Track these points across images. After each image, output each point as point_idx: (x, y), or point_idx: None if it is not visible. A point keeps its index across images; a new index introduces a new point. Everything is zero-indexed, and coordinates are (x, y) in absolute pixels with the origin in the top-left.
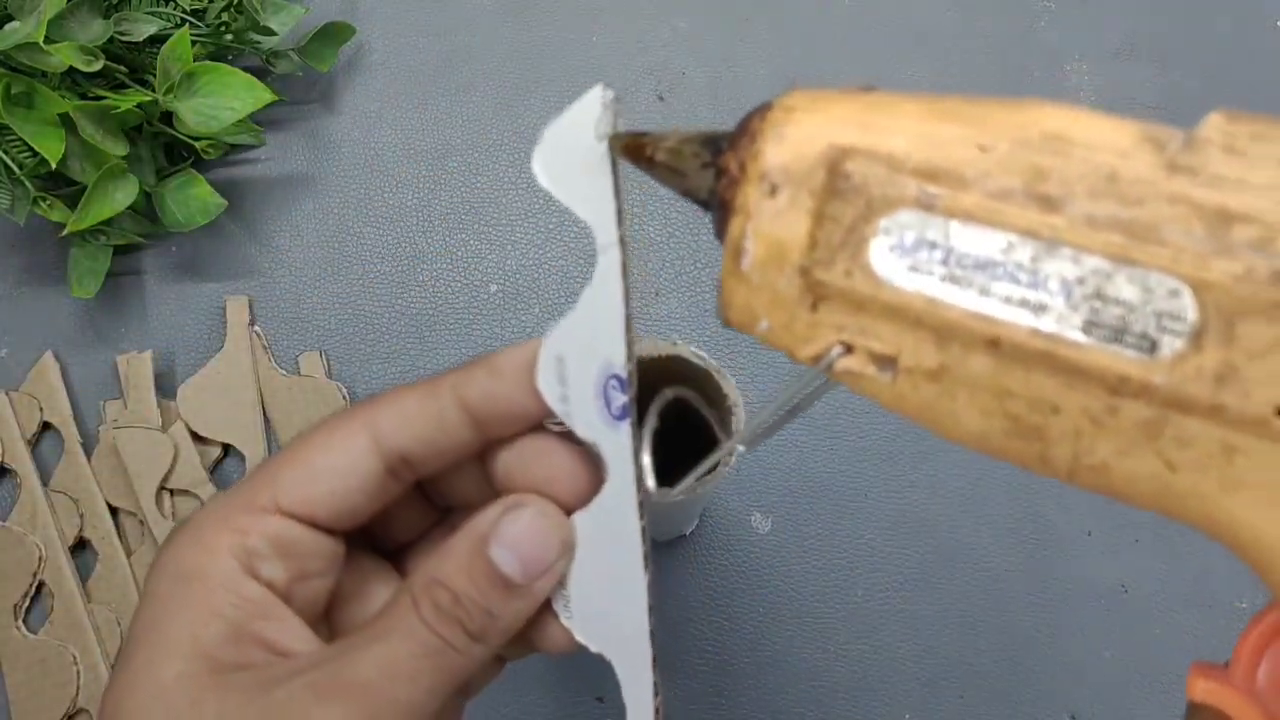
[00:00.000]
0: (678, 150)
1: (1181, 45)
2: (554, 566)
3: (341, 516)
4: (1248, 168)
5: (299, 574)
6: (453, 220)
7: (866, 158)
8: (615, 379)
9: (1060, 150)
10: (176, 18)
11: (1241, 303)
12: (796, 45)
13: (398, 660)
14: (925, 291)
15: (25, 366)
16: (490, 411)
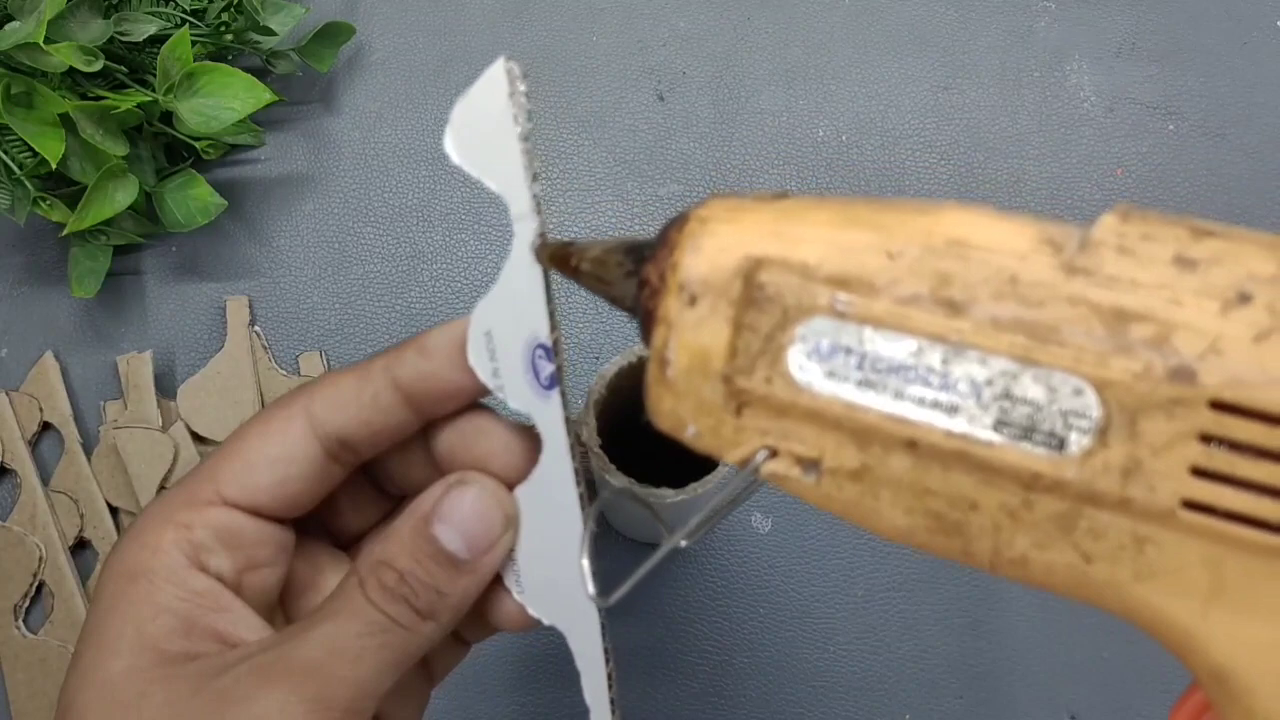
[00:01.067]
0: (602, 260)
1: (1181, 45)
2: (499, 542)
3: (285, 504)
4: (1139, 267)
5: (247, 564)
6: (453, 220)
7: (780, 267)
8: (542, 348)
9: (963, 255)
10: (176, 18)
11: (1141, 399)
12: (796, 45)
13: (344, 639)
14: (843, 396)
15: (25, 366)
16: (424, 391)
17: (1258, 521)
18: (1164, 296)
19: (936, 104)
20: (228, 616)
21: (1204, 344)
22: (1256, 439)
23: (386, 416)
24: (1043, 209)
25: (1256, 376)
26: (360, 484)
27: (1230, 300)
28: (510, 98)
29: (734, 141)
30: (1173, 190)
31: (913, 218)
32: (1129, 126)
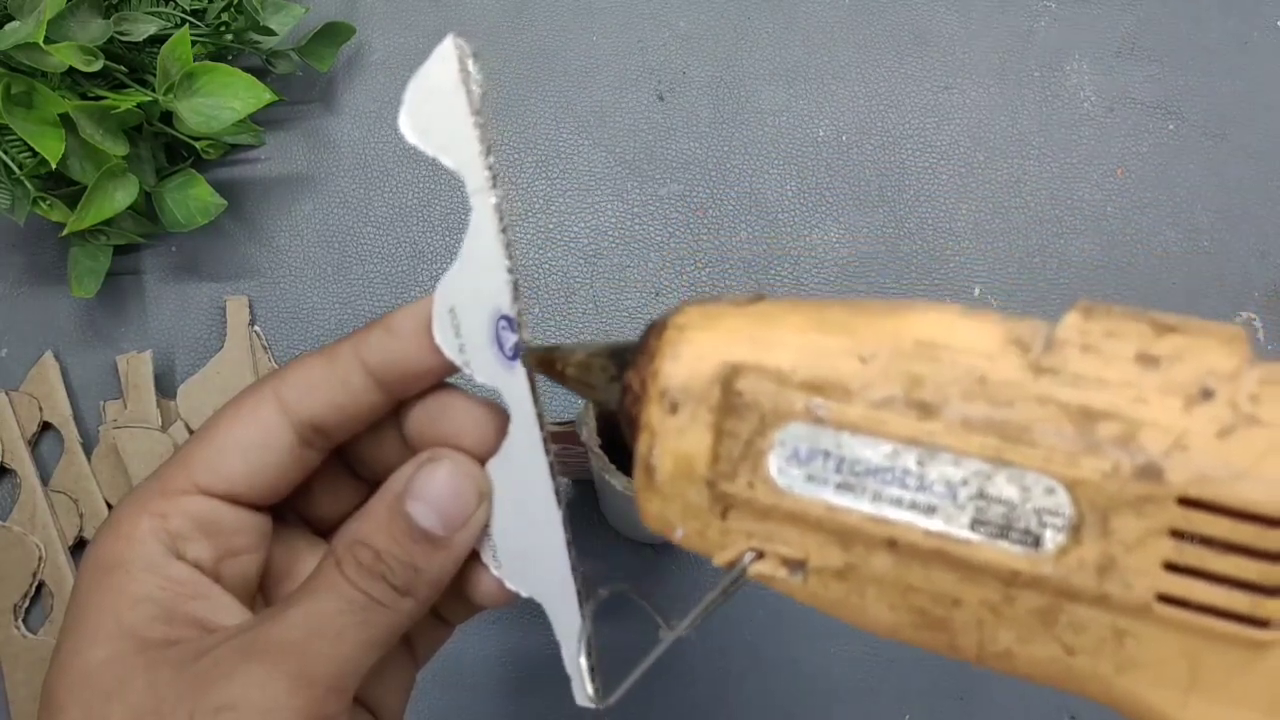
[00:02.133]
0: (586, 365)
1: (1181, 45)
2: (473, 517)
3: (261, 490)
4: (1104, 365)
5: (225, 551)
6: (453, 220)
7: (757, 374)
8: (505, 320)
9: (933, 356)
10: (176, 18)
11: (1112, 498)
12: (797, 45)
13: (322, 617)
14: (823, 498)
15: (25, 366)
16: (392, 371)
17: (1231, 614)
18: (1129, 394)
19: (936, 104)
20: (207, 603)
21: (1169, 441)
22: (1224, 534)
23: (356, 399)
24: (1043, 209)
25: (1221, 472)
26: (336, 470)
27: (1193, 397)
28: (461, 75)
29: (734, 141)
30: (1173, 190)
31: (883, 320)
32: (1129, 126)
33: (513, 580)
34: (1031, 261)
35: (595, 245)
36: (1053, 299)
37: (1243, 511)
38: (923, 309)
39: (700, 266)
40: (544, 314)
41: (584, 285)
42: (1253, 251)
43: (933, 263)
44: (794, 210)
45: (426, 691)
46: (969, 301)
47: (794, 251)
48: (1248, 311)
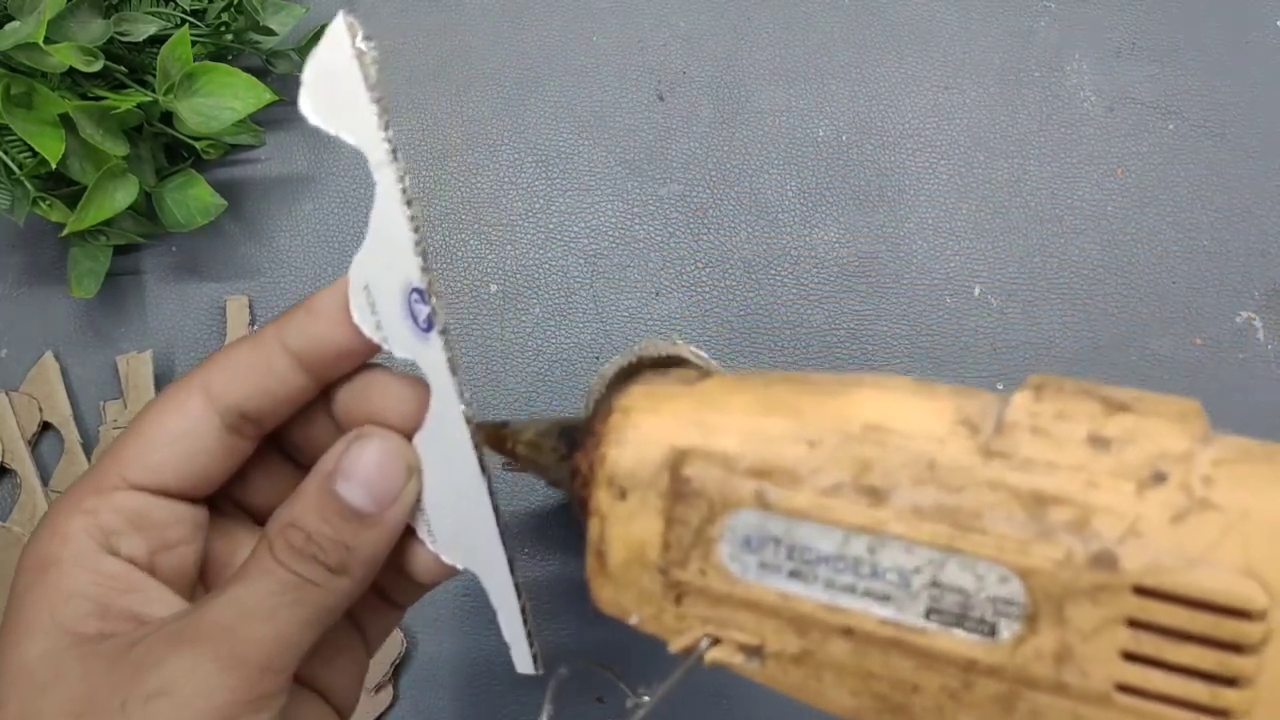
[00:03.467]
0: (536, 444)
1: (1181, 45)
2: (403, 492)
3: (191, 481)
4: (1055, 449)
5: (159, 545)
6: (453, 220)
7: (704, 460)
8: (416, 292)
9: (881, 440)
10: (176, 18)
11: (1066, 587)
12: (797, 45)
13: (254, 599)
14: (776, 586)
15: (25, 366)
16: (315, 353)
17: (1191, 705)
18: (1081, 479)
19: (936, 104)
20: (142, 596)
21: (1123, 526)
22: (1181, 623)
23: (282, 383)
24: (1043, 209)
25: (1176, 560)
26: (273, 458)
27: (1145, 480)
28: (355, 52)
29: (734, 141)
30: (1173, 190)
31: (830, 400)
32: (1129, 126)
33: (448, 553)
34: (1031, 261)
35: (595, 245)
36: (1053, 299)
37: (1199, 601)
38: (871, 387)
39: (700, 266)
40: (544, 313)
41: (584, 285)
42: (1253, 251)
43: (933, 263)
44: (794, 210)
45: (426, 692)
46: (967, 301)
47: (794, 251)
48: (1248, 311)
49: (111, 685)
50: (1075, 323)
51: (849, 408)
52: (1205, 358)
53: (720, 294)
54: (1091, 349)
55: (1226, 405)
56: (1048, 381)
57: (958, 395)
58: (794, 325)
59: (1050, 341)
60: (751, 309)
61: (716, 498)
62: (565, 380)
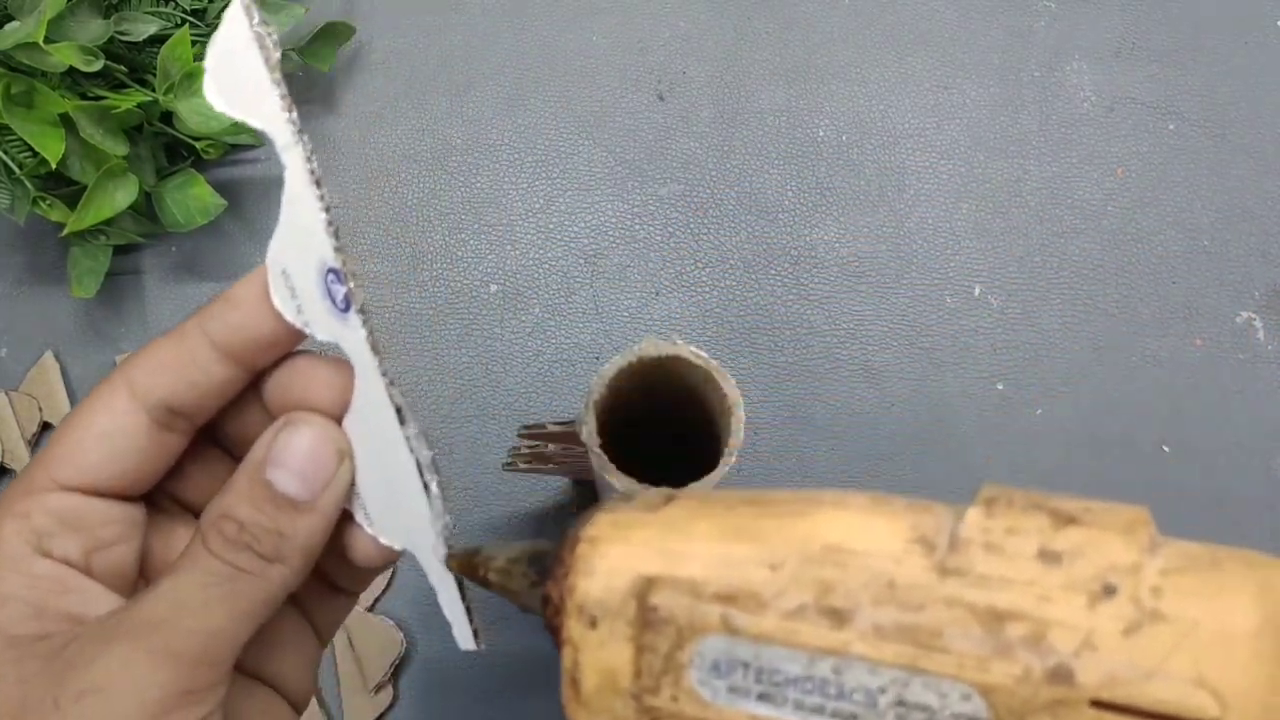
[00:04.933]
0: (507, 571)
1: (1181, 45)
2: (335, 477)
3: (122, 479)
4: (1008, 564)
5: (95, 544)
6: (453, 220)
7: (670, 587)
8: (332, 273)
9: (841, 561)
10: (176, 18)
11: (1025, 703)
12: (797, 45)
13: (187, 591)
14: (747, 709)
15: (25, 366)
16: (239, 343)
17: None
18: (1034, 593)
19: (936, 104)
20: (78, 597)
21: (1077, 640)
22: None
23: (207, 376)
24: (1043, 209)
25: (1130, 672)
26: (210, 453)
27: (1096, 593)
28: (254, 34)
29: (734, 141)
30: (1173, 190)
31: (791, 523)
32: (1129, 126)
33: (385, 535)
34: (1031, 261)
35: (595, 245)
36: (1053, 299)
37: (1154, 713)
38: (830, 506)
39: (700, 266)
40: (544, 313)
41: (584, 285)
42: (1253, 251)
43: (933, 263)
44: (794, 210)
45: (426, 692)
46: (967, 301)
47: (794, 251)
48: (1248, 311)
49: (44, 684)
50: (1075, 323)
51: (809, 529)
52: (1205, 358)
53: (720, 294)
54: (1091, 349)
55: (1226, 405)
56: (999, 495)
57: (913, 512)
58: (794, 325)
59: (1050, 341)
60: (751, 309)
61: (684, 624)
62: (565, 380)
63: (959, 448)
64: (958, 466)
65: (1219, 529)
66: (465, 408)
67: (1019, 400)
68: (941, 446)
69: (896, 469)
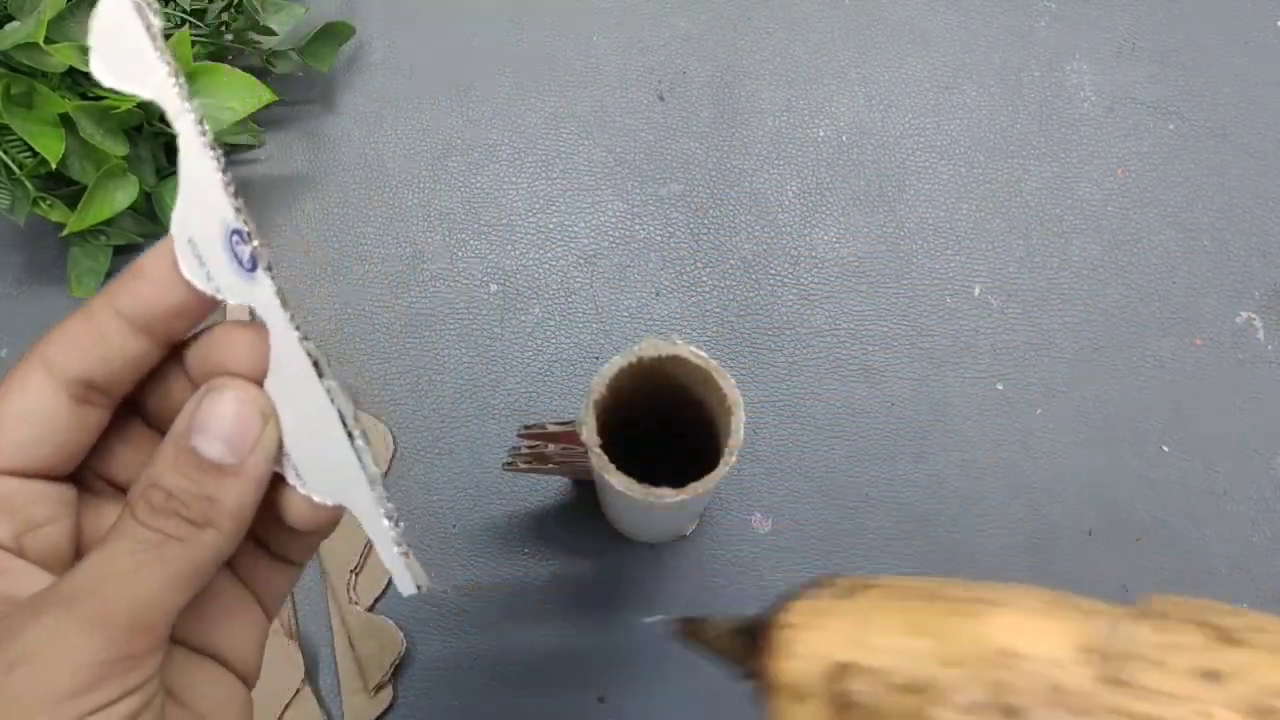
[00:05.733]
0: (728, 641)
1: (1181, 45)
2: (261, 438)
3: (45, 458)
4: (1171, 679)
5: (25, 525)
6: (453, 220)
7: (863, 675)
8: (236, 234)
9: (1012, 665)
10: (176, 18)
11: None
12: (797, 45)
13: (115, 560)
14: None
15: None
16: (149, 315)
17: None
18: (1194, 708)
19: (936, 104)
20: (9, 578)
21: None
22: None
23: (119, 350)
24: (1043, 209)
25: None
26: (138, 429)
27: (1254, 713)
28: (134, 4)
29: (734, 141)
30: (1173, 190)
31: (968, 622)
32: (1129, 126)
33: (318, 493)
34: (1031, 261)
35: (595, 245)
36: (1053, 299)
37: None
38: (1005, 608)
39: (700, 266)
40: (544, 313)
41: (584, 285)
42: (1253, 251)
43: (933, 263)
44: (794, 210)
45: (426, 692)
46: (967, 301)
47: (794, 251)
48: (1248, 311)
49: None
50: (1075, 323)
51: (984, 629)
52: (1205, 358)
53: (720, 294)
54: (1092, 349)
55: (1226, 405)
56: (1165, 609)
57: (1083, 616)
58: (794, 325)
59: (1050, 341)
60: (751, 309)
61: (875, 710)
62: (565, 380)
63: (959, 448)
64: (958, 466)
65: (1219, 529)
66: (465, 408)
67: (1019, 400)
68: (941, 446)
69: (896, 469)
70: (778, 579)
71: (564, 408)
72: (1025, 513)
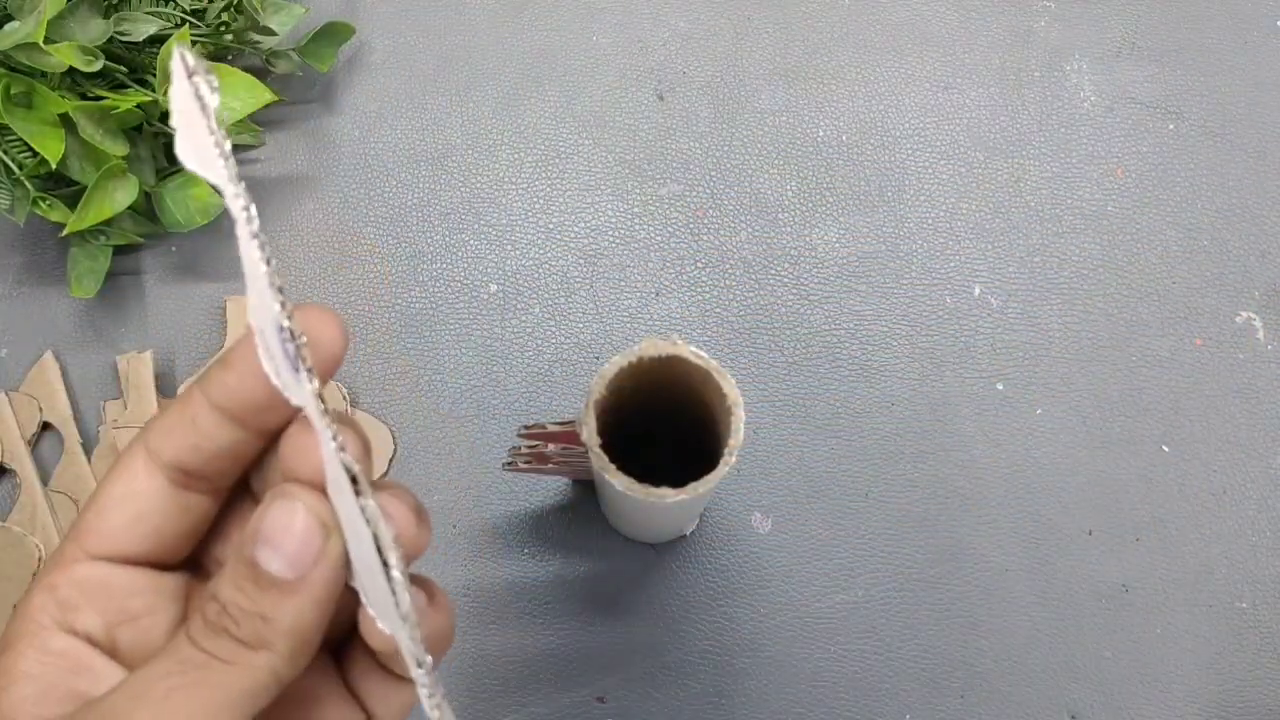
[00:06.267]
0: None
1: (1181, 45)
2: (324, 552)
3: (147, 543)
4: None
5: (120, 617)
6: (453, 220)
7: None
8: (285, 330)
9: None
10: (176, 18)
11: None
12: (797, 45)
13: (149, 682)
14: None
15: (25, 366)
16: (235, 405)
17: None
18: None
19: (936, 104)
20: (90, 676)
21: None
22: None
23: (212, 438)
24: (1043, 209)
25: None
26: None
27: None
28: (189, 85)
29: (734, 141)
30: (1173, 190)
31: None
32: (1129, 126)
33: (380, 617)
34: (1031, 261)
35: (595, 245)
36: (1053, 299)
37: None
38: None
39: (700, 266)
40: (544, 313)
41: (584, 285)
42: (1253, 251)
43: (933, 263)
44: (794, 210)
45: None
46: (967, 301)
47: (794, 251)
48: (1248, 311)
49: None
50: (1075, 323)
51: None
52: (1205, 358)
53: (720, 294)
54: (1091, 349)
55: (1226, 405)
56: None
57: None
58: (794, 325)
59: (1050, 341)
60: (751, 309)
61: None
62: (565, 380)
63: (959, 448)
64: (958, 466)
65: (1219, 529)
66: (465, 408)
67: (1019, 400)
68: (941, 446)
69: (896, 469)
70: (777, 578)
71: (564, 408)
72: (1025, 513)
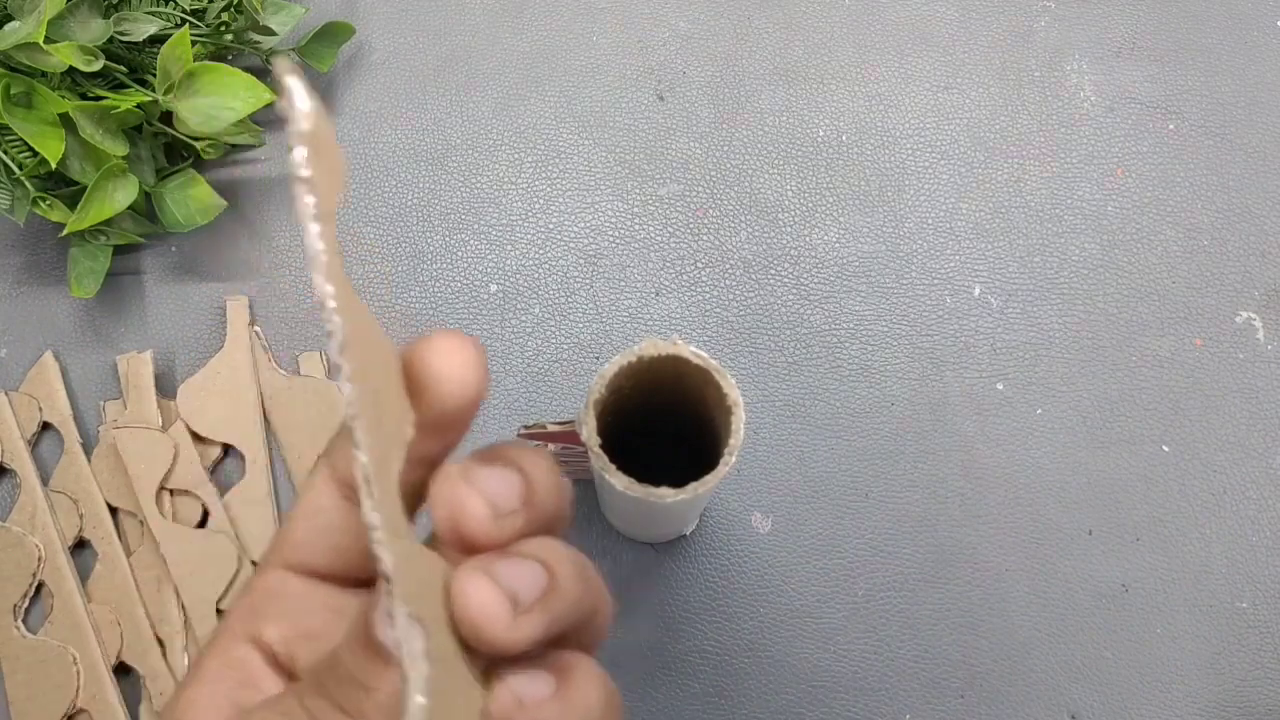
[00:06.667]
0: None
1: (1181, 45)
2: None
3: (324, 556)
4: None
5: (299, 632)
6: (453, 220)
7: None
8: None
9: None
10: (176, 18)
11: None
12: (797, 45)
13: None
14: None
15: (25, 366)
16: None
17: None
18: None
19: (936, 104)
20: (251, 691)
21: None
22: None
23: None
24: (1043, 209)
25: None
26: None
27: None
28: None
29: (734, 141)
30: (1173, 190)
31: None
32: (1129, 126)
33: None
34: (1031, 261)
35: (595, 245)
36: (1053, 299)
37: None
38: None
39: (700, 266)
40: (544, 313)
41: (584, 285)
42: (1253, 251)
43: (933, 263)
44: (794, 210)
45: None
46: (967, 301)
47: (794, 251)
48: (1247, 311)
49: None
50: (1075, 323)
51: None
52: (1205, 358)
53: (720, 294)
54: (1091, 349)
55: (1226, 405)
56: None
57: None
58: (794, 325)
59: (1050, 341)
60: (751, 309)
61: None
62: (565, 380)
63: (959, 448)
64: (958, 466)
65: (1219, 529)
66: None
67: (1019, 400)
68: (941, 446)
69: (896, 469)
70: (777, 578)
71: (564, 408)
72: (1025, 513)
